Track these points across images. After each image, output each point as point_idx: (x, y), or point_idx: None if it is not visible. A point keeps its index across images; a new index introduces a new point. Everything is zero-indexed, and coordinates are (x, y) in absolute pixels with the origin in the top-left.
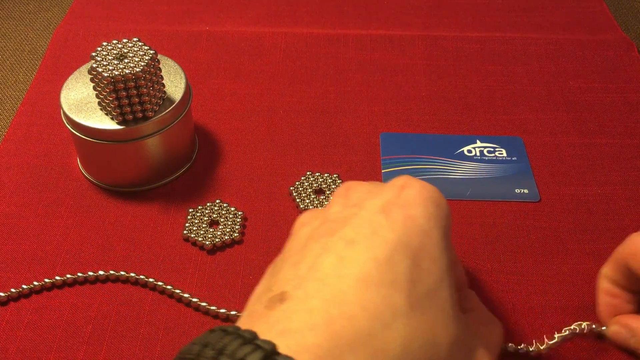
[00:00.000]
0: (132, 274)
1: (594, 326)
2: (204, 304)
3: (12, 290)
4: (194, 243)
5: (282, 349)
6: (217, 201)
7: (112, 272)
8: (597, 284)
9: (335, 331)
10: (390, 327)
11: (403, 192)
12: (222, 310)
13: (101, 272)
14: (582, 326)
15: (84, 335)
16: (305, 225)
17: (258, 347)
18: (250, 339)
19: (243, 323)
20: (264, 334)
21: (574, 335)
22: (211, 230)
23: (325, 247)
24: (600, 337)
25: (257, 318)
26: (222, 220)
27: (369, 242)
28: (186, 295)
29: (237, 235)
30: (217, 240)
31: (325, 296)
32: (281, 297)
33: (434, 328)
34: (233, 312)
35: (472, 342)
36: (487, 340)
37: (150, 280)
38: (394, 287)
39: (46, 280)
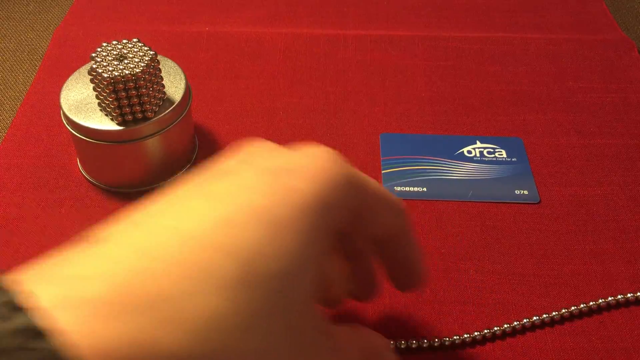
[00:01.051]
0: None
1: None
2: None
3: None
4: None
5: (46, 296)
6: None
7: None
8: None
9: (124, 285)
10: (201, 296)
11: (302, 161)
12: None
13: None
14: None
15: None
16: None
17: None
18: None
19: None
20: (48, 276)
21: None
22: None
23: (183, 196)
24: None
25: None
26: None
27: (230, 200)
28: None
29: None
30: None
31: (142, 247)
32: (105, 238)
33: (261, 314)
34: None
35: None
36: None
37: None
38: (231, 255)
39: None
